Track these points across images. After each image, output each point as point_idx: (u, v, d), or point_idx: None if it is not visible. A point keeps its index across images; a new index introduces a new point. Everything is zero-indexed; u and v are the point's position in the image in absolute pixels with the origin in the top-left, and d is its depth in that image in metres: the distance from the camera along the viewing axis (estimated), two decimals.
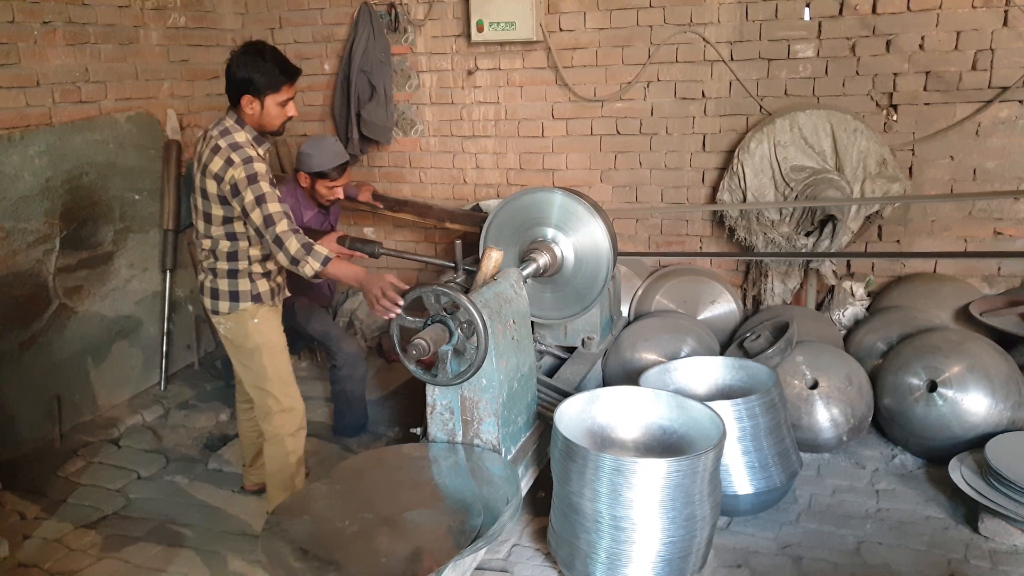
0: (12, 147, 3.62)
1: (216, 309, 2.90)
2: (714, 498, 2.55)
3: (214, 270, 2.87)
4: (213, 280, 2.88)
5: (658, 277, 4.42)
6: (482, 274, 2.93)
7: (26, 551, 3.03)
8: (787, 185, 4.02)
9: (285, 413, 2.98)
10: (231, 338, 2.95)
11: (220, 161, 2.68)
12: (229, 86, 2.75)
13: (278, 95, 2.75)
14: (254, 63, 2.69)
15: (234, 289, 2.87)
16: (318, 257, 2.66)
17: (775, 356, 3.51)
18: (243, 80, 2.70)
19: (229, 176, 2.66)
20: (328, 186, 3.70)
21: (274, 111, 2.77)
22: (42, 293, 3.83)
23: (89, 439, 3.87)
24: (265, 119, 2.78)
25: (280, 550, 2.27)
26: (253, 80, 2.70)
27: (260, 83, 2.70)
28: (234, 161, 2.66)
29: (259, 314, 2.91)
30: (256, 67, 2.69)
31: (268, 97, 2.74)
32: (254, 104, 2.74)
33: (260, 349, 2.92)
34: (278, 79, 2.73)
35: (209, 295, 2.90)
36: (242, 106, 2.74)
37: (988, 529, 2.83)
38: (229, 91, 2.76)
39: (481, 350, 2.54)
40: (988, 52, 3.74)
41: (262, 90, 2.72)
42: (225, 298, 2.87)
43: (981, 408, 3.22)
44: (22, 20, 3.67)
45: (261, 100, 2.73)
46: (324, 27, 4.87)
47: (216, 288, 2.88)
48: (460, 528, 2.34)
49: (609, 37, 4.34)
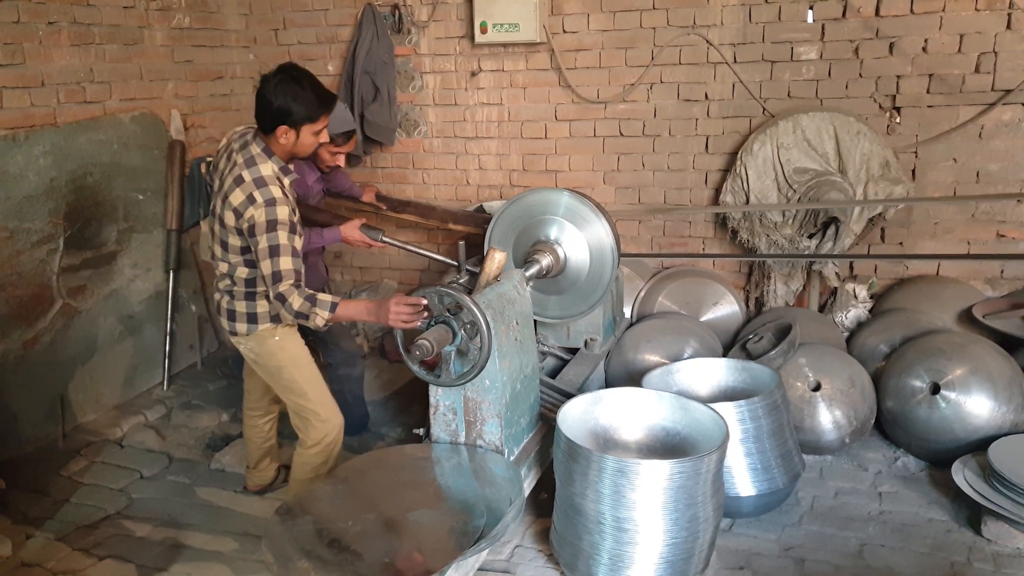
0: (17, 147, 3.63)
1: (234, 331, 2.84)
2: (717, 500, 2.55)
3: (231, 292, 2.81)
4: (230, 301, 2.82)
5: (661, 279, 4.42)
6: (485, 275, 2.93)
7: (28, 550, 3.04)
8: (790, 187, 4.02)
9: (325, 424, 2.93)
10: (254, 358, 2.91)
11: (241, 196, 2.58)
12: (262, 113, 2.62)
13: (315, 125, 2.66)
14: (292, 92, 2.58)
15: (252, 311, 2.81)
16: (324, 306, 2.57)
17: (778, 358, 3.51)
18: (280, 110, 2.58)
19: (249, 215, 2.56)
20: (331, 151, 3.58)
21: (308, 140, 2.68)
22: (46, 293, 3.83)
23: (92, 439, 3.87)
24: (299, 148, 2.69)
25: (283, 550, 2.28)
26: (291, 111, 2.58)
27: (299, 114, 2.60)
28: (256, 200, 2.56)
29: (279, 332, 2.86)
30: (295, 96, 2.58)
31: (305, 127, 2.64)
32: (289, 134, 2.63)
33: (287, 365, 2.88)
34: (317, 110, 2.64)
35: (226, 316, 2.84)
36: (276, 135, 2.63)
37: (991, 532, 2.83)
38: (261, 118, 2.63)
39: (484, 351, 2.55)
40: (991, 55, 3.74)
41: (299, 121, 2.62)
42: (243, 320, 2.81)
43: (984, 411, 3.21)
44: (27, 20, 3.68)
45: (297, 131, 2.64)
46: (328, 28, 4.88)
47: (233, 310, 2.81)
48: (463, 529, 2.35)
49: (612, 39, 4.34)
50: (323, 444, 2.94)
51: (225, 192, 2.64)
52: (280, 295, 2.57)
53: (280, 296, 2.57)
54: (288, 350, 2.88)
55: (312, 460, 2.95)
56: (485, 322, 2.52)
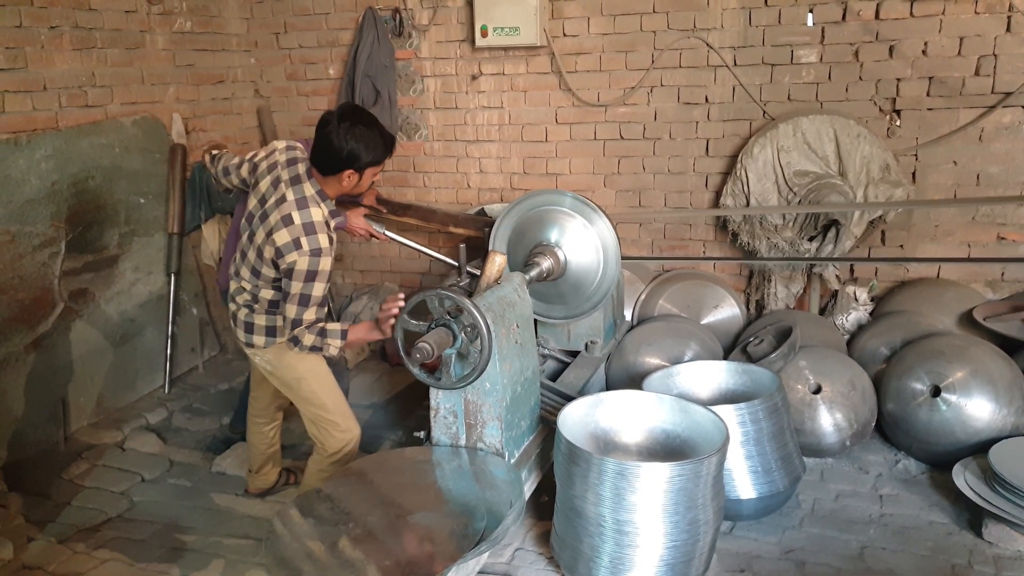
0: (19, 151, 3.64)
1: (251, 343, 2.84)
2: (717, 502, 2.55)
3: (251, 306, 2.80)
4: (249, 314, 2.81)
5: (661, 281, 4.42)
6: (486, 278, 2.93)
7: (30, 553, 3.04)
8: (790, 190, 4.02)
9: (345, 434, 2.94)
10: (271, 370, 2.91)
11: (288, 238, 2.56)
12: (329, 156, 2.58)
13: (378, 168, 2.67)
14: (364, 136, 2.57)
15: (272, 324, 2.81)
16: (335, 335, 2.64)
17: (778, 360, 3.51)
18: (351, 155, 2.57)
19: (291, 260, 2.55)
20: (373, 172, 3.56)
21: (367, 181, 2.69)
22: (47, 296, 3.84)
23: (93, 442, 3.87)
24: (356, 189, 2.70)
25: (284, 553, 2.28)
26: (362, 156, 2.58)
27: (368, 159, 2.60)
28: (302, 247, 2.54)
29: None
30: (366, 142, 2.58)
31: (369, 171, 2.64)
32: (353, 177, 2.63)
33: (306, 377, 2.87)
34: (384, 154, 2.64)
35: (243, 328, 2.84)
36: (340, 177, 2.61)
37: (992, 535, 2.83)
38: (326, 160, 2.60)
39: (485, 354, 2.55)
40: (991, 57, 3.75)
41: (367, 166, 2.62)
42: (261, 332, 2.82)
43: (985, 413, 3.21)
44: (29, 24, 3.69)
45: (361, 174, 2.64)
46: (329, 32, 4.89)
47: (252, 323, 2.82)
48: (463, 532, 2.35)
49: (612, 42, 4.35)
50: (343, 453, 2.95)
51: (271, 227, 2.61)
52: (294, 337, 2.65)
53: (294, 338, 2.65)
54: (307, 361, 2.87)
55: (330, 469, 2.96)
56: (485, 325, 2.53)
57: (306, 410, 2.95)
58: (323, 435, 2.94)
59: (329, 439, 2.94)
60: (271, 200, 2.66)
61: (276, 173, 2.70)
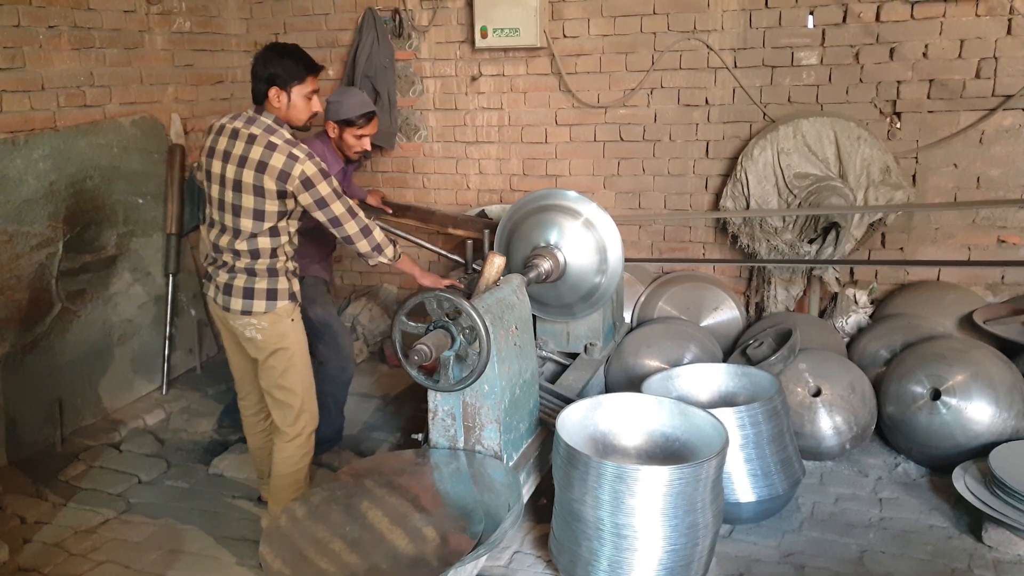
0: (17, 151, 3.63)
1: (249, 309, 2.82)
2: (716, 506, 2.54)
3: (251, 269, 2.81)
4: (248, 279, 2.81)
5: (661, 284, 4.42)
6: (484, 279, 2.93)
7: (26, 555, 3.03)
8: (790, 192, 4.01)
9: (306, 413, 2.98)
10: (263, 339, 2.87)
11: (282, 157, 2.69)
12: (256, 84, 2.80)
13: (303, 86, 2.81)
14: (278, 58, 2.78)
15: (273, 287, 2.83)
16: (392, 249, 2.94)
17: (778, 363, 3.50)
18: (270, 75, 2.76)
19: (299, 171, 2.68)
20: (355, 135, 3.52)
21: (300, 104, 2.82)
22: (45, 296, 3.83)
23: (90, 443, 3.86)
24: (292, 112, 2.82)
25: (281, 555, 2.27)
26: (278, 73, 2.76)
27: (285, 75, 2.77)
28: (298, 156, 2.70)
29: (295, 314, 2.91)
30: (279, 62, 2.77)
31: (294, 89, 2.79)
32: (281, 96, 2.78)
33: (290, 348, 2.89)
34: (303, 71, 2.81)
35: (241, 295, 2.82)
36: (270, 99, 2.78)
37: (992, 539, 2.82)
38: (256, 89, 2.81)
39: (483, 356, 2.54)
40: (992, 60, 3.74)
41: (288, 81, 2.77)
42: (262, 296, 2.82)
43: (985, 417, 3.20)
44: (28, 24, 3.69)
45: (288, 92, 2.78)
46: (329, 32, 4.89)
47: (252, 287, 2.81)
48: (461, 535, 2.33)
49: (613, 44, 4.34)
50: (305, 435, 2.97)
51: (254, 159, 2.69)
52: (365, 228, 2.87)
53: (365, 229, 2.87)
54: (296, 334, 2.92)
55: (294, 453, 2.97)
56: (484, 327, 2.52)
57: (275, 383, 2.92)
58: (286, 413, 2.94)
59: (291, 418, 2.93)
60: (238, 148, 2.74)
61: (227, 129, 2.80)
